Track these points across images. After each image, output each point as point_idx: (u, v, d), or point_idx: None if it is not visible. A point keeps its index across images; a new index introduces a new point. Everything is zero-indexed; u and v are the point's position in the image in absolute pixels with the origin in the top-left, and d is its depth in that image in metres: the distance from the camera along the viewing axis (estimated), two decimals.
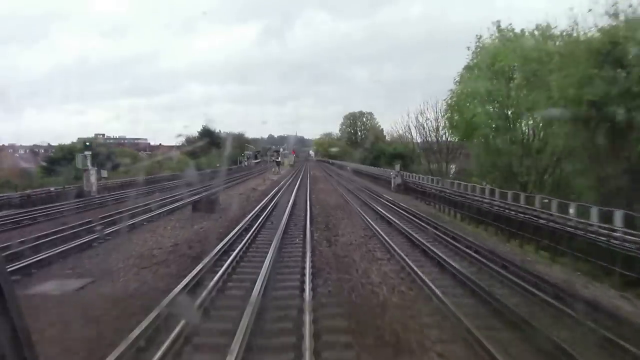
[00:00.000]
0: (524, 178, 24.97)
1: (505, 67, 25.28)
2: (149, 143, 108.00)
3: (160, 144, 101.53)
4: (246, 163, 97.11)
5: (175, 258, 13.04)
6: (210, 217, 22.30)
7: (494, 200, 21.13)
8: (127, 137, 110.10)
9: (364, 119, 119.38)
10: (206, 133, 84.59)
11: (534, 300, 9.70)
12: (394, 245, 15.26)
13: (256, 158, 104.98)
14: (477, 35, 29.63)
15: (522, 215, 17.81)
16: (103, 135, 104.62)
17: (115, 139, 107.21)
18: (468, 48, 29.91)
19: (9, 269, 10.79)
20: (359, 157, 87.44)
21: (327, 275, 11.39)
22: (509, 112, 25.54)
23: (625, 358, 7.06)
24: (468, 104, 27.39)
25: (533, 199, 18.27)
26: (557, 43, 22.65)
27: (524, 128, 26.28)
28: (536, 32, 24.88)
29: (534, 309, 9.09)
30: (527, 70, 22.93)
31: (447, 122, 34.71)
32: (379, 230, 18.49)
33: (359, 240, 16.59)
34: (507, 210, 19.31)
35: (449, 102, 30.85)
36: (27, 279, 11.25)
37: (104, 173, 43.32)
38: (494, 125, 26.06)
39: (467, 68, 29.18)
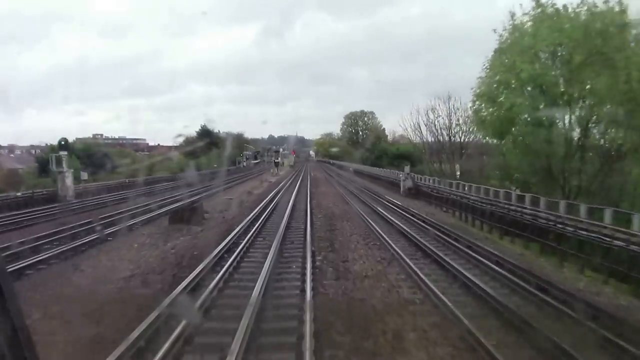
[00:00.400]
0: (572, 182, 20.85)
1: (550, 47, 21.02)
2: (148, 143, 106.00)
3: (158, 144, 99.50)
4: (245, 163, 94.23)
5: (117, 304, 9.11)
6: (190, 231, 18.44)
7: (539, 212, 17.19)
8: (126, 137, 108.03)
9: (366, 119, 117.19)
10: (205, 133, 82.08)
11: None
12: (423, 277, 11.33)
13: (255, 158, 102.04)
14: (510, 12, 25.26)
15: (585, 233, 13.84)
16: (101, 135, 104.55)
17: (114, 139, 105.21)
18: (495, 31, 25.80)
19: None
20: (360, 157, 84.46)
21: (339, 337, 7.47)
22: (559, 101, 21.21)
23: None
24: (502, 94, 23.19)
25: (600, 212, 14.29)
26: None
27: (567, 121, 22.06)
28: (583, 8, 20.78)
29: None
30: (590, 47, 18.66)
31: (474, 115, 30.38)
32: (398, 250, 14.57)
33: (375, 267, 12.65)
34: (559, 225, 15.36)
35: (477, 92, 26.66)
36: None
37: (84, 175, 39.59)
38: (534, 118, 21.77)
39: (499, 51, 24.89)
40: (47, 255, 13.61)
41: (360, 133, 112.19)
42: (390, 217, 22.07)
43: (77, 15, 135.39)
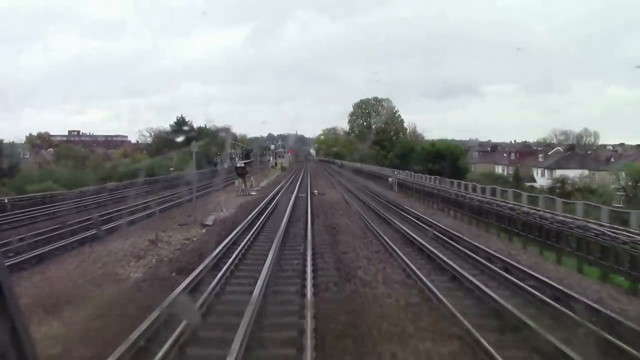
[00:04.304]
0: None
1: None
2: (130, 141, 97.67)
3: (137, 141, 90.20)
4: (226, 165, 71.40)
5: None
6: None
7: None
8: (107, 135, 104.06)
9: (380, 108, 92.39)
10: (179, 128, 68.77)
11: None
12: None
13: (248, 157, 79.09)
14: None
15: None
16: (78, 132, 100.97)
17: (91, 136, 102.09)
18: None
19: None
20: (375, 157, 70.16)
21: None
22: None
23: None
24: None
25: None
26: None
27: None
28: None
29: None
30: None
31: None
32: None
33: None
34: None
35: None
36: None
37: None
38: None
39: None
40: None
41: (373, 126, 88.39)
42: None
43: (76, 15, 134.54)
